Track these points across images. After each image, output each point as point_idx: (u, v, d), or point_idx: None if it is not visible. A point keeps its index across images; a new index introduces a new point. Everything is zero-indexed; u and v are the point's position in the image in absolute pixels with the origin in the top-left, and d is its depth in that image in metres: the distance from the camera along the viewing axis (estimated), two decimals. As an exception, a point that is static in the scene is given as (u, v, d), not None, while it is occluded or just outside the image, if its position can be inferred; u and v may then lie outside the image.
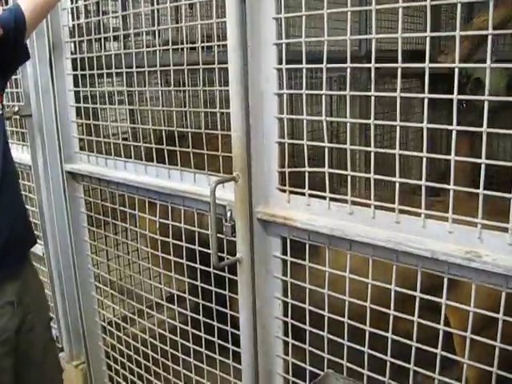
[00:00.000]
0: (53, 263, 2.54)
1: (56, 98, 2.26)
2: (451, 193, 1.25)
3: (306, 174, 1.49)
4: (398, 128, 1.32)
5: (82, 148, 2.24)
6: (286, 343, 1.68)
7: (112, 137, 2.13)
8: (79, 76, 2.16)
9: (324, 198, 1.47)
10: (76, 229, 2.35)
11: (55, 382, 2.06)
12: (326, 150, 1.44)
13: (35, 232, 2.60)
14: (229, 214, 1.60)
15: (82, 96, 2.24)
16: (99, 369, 2.53)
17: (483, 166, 1.18)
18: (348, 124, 1.41)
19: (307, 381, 1.63)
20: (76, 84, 2.20)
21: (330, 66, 1.39)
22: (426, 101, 1.23)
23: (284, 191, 1.55)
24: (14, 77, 2.48)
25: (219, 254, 1.61)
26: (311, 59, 1.41)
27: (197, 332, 1.93)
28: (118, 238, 2.23)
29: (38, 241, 2.59)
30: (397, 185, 1.33)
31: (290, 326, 1.64)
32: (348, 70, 1.36)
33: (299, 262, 1.56)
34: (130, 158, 2.00)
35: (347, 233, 1.40)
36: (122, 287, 2.39)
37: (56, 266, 2.52)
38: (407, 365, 1.41)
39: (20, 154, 2.62)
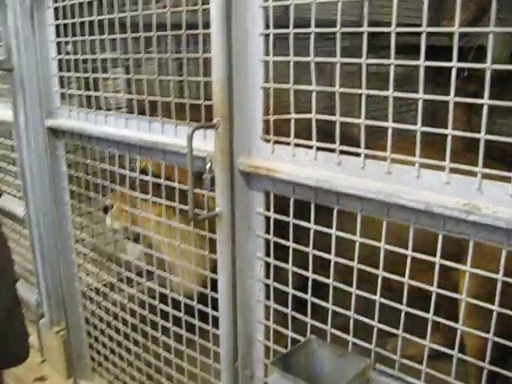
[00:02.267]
0: (33, 225, 2.43)
1: (38, 50, 2.13)
2: (449, 139, 1.12)
3: (292, 122, 1.36)
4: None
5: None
6: (267, 308, 1.57)
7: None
8: (61, 26, 2.03)
9: (310, 147, 1.35)
10: (57, 189, 2.23)
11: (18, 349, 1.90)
12: (314, 94, 1.32)
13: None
14: (208, 166, 1.48)
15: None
16: (79, 335, 2.42)
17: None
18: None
19: (289, 348, 1.52)
20: (58, 35, 2.08)
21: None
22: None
23: (268, 141, 1.42)
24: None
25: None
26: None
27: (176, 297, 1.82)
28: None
29: (20, 201, 2.50)
30: (389, 131, 1.20)
31: (272, 289, 1.53)
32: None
33: (283, 218, 1.45)
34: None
35: (334, 184, 1.27)
36: (104, 253, 2.29)
37: (36, 228, 2.41)
38: (395, 331, 1.30)
39: (3, 110, 2.50)
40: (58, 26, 2.05)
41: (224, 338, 1.61)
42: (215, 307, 1.66)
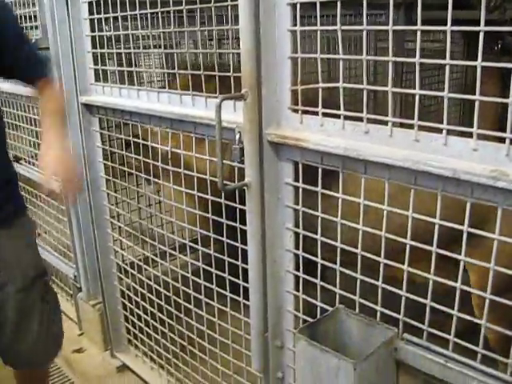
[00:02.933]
0: (70, 201, 2.49)
1: (71, 27, 2.17)
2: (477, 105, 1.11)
3: (320, 91, 1.36)
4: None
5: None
6: (296, 278, 1.58)
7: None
8: (94, 3, 2.06)
9: (339, 117, 1.34)
10: (92, 164, 2.28)
11: (37, 348, 1.94)
12: (341, 63, 1.31)
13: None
14: (237, 137, 1.49)
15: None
16: (115, 308, 2.49)
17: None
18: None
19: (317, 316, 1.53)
20: (91, 13, 2.11)
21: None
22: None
23: (296, 111, 1.42)
24: (29, 9, 2.43)
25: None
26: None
27: (208, 268, 1.84)
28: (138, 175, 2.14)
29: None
30: (417, 97, 1.19)
31: (301, 259, 1.54)
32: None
33: (312, 188, 1.45)
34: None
35: (361, 153, 1.27)
36: (139, 228, 2.34)
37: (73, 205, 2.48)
38: (424, 300, 1.29)
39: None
40: (91, 3, 2.08)
41: (254, 309, 1.63)
42: (246, 279, 1.68)
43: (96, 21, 2.07)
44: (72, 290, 2.79)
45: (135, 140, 2.04)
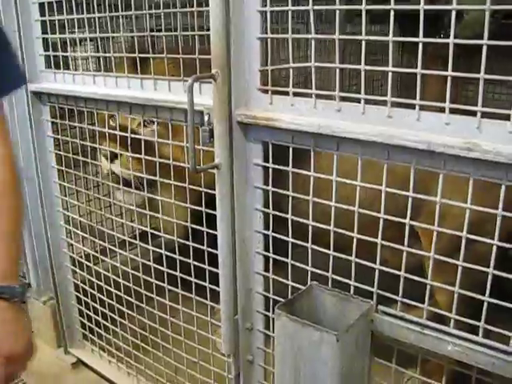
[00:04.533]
0: (18, 194, 2.39)
1: (19, 11, 2.08)
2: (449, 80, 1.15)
3: (291, 71, 1.38)
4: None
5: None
6: (265, 260, 1.59)
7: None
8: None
9: (310, 96, 1.36)
10: (42, 155, 2.21)
11: None
12: (313, 42, 1.33)
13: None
14: (206, 118, 1.49)
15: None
16: (68, 303, 2.42)
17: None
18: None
19: (288, 297, 1.54)
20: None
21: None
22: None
23: (266, 92, 1.43)
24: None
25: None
26: None
27: (171, 255, 1.83)
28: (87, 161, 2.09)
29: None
30: (389, 75, 1.23)
31: (270, 239, 1.55)
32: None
33: (281, 168, 1.46)
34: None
35: (335, 129, 1.29)
36: (95, 217, 2.29)
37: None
38: (397, 272, 1.34)
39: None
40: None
41: (224, 292, 1.62)
42: (211, 264, 1.68)
43: (46, 5, 2.00)
44: (20, 287, 2.68)
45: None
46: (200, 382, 1.93)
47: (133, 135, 1.81)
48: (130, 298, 2.06)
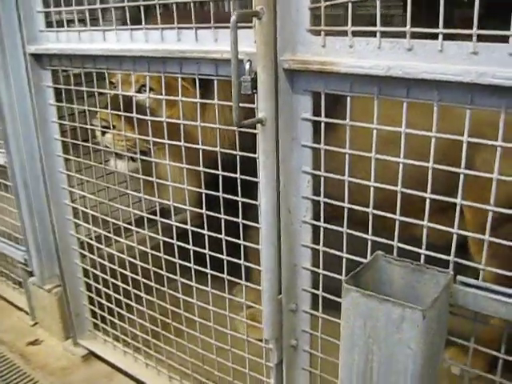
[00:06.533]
0: (17, 173, 2.16)
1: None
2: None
3: (350, 6, 1.17)
4: None
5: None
6: (315, 230, 1.40)
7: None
8: None
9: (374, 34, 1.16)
10: (44, 125, 1.98)
11: None
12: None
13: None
14: (247, 66, 1.27)
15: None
16: (76, 290, 2.20)
17: None
18: None
19: (343, 274, 1.35)
20: None
21: None
22: None
23: (317, 33, 1.23)
24: None
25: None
26: None
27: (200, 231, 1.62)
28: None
29: (0, 149, 2.24)
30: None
31: (322, 205, 1.35)
32: None
33: (336, 122, 1.27)
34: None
35: (408, 70, 1.09)
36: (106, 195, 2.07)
37: (21, 175, 2.15)
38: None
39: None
40: None
41: (268, 268, 1.42)
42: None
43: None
44: (22, 276, 2.46)
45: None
46: (232, 371, 1.74)
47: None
48: (148, 282, 1.85)
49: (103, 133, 1.86)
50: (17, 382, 2.15)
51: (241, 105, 1.23)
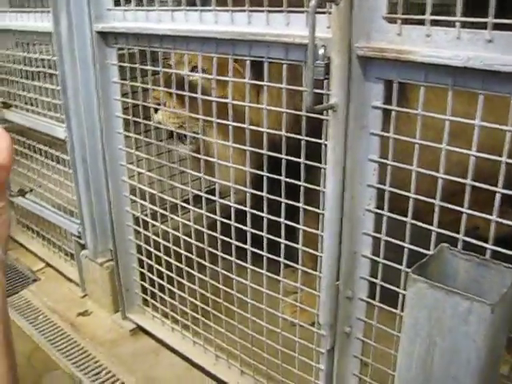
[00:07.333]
0: (76, 148, 2.22)
1: None
2: None
3: (430, -6, 1.16)
4: None
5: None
6: (377, 218, 1.39)
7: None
8: None
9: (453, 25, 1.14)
10: (106, 102, 2.02)
11: None
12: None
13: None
14: (321, 52, 1.28)
15: None
16: (128, 266, 2.25)
17: None
18: None
19: (403, 263, 1.35)
20: None
21: None
22: None
23: (393, 21, 1.22)
24: None
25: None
26: None
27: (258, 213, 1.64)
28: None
29: (61, 124, 2.28)
30: None
31: (386, 195, 1.35)
32: None
33: (408, 111, 1.26)
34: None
35: (488, 62, 1.08)
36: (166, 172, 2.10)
37: (80, 150, 2.21)
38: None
39: (39, 23, 2.26)
40: None
41: (329, 254, 1.43)
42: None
43: None
44: (74, 248, 2.52)
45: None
46: (280, 353, 1.76)
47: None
48: (201, 260, 1.88)
49: (155, 110, 1.92)
50: (67, 349, 2.21)
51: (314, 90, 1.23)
